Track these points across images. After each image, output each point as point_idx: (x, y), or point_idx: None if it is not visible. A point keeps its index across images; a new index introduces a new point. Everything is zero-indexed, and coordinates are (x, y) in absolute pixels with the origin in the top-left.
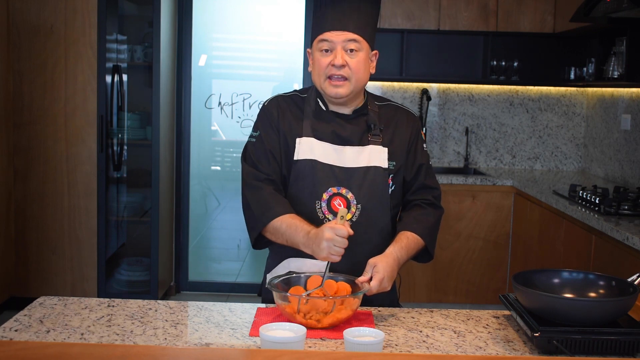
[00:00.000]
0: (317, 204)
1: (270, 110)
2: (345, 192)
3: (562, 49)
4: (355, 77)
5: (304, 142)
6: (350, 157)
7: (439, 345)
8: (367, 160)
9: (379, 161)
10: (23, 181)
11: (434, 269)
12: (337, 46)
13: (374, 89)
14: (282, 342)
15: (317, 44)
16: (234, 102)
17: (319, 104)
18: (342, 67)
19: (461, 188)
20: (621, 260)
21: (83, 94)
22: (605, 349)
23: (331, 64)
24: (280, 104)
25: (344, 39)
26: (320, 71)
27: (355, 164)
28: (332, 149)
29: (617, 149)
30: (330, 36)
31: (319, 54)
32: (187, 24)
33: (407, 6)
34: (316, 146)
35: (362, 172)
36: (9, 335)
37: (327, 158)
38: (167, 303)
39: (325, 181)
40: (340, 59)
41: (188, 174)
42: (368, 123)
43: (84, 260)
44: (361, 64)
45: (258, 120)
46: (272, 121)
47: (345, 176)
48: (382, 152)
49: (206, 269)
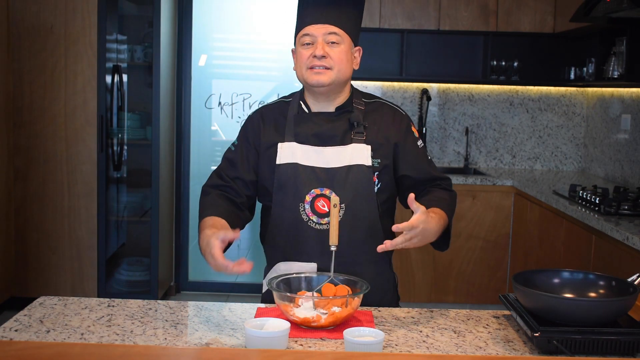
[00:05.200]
0: (300, 206)
1: (252, 120)
2: (329, 193)
3: (562, 49)
4: (337, 67)
5: (285, 147)
6: (331, 157)
7: (439, 345)
8: (349, 159)
9: (361, 159)
10: (23, 181)
11: (434, 269)
12: (318, 38)
13: (374, 89)
14: (265, 337)
15: (300, 39)
16: (234, 102)
17: (301, 106)
18: (322, 57)
19: (461, 188)
20: (621, 260)
21: (83, 94)
22: (605, 349)
23: (312, 55)
24: (264, 114)
25: (325, 31)
26: (301, 63)
27: (337, 163)
28: (313, 151)
29: (617, 149)
30: (311, 30)
31: (301, 47)
32: (187, 24)
33: (407, 6)
34: (297, 149)
35: (344, 172)
36: (9, 335)
37: (308, 160)
38: (167, 303)
39: (308, 183)
40: (321, 49)
41: (188, 174)
42: (351, 121)
43: (84, 260)
44: (343, 54)
45: (240, 130)
46: (250, 133)
47: (327, 177)
48: (365, 150)
49: (206, 269)
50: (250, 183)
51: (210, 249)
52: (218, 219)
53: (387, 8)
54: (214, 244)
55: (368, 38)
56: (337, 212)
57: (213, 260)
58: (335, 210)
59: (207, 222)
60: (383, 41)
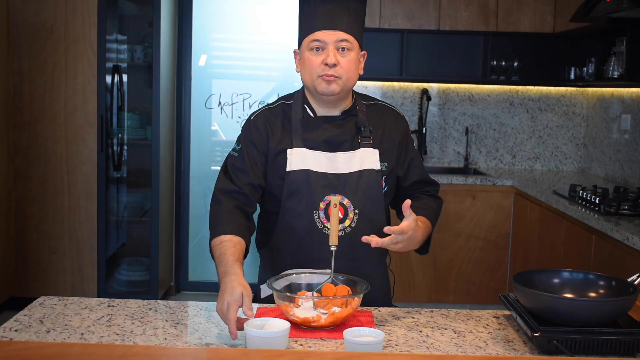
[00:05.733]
0: (314, 214)
1: (256, 124)
2: (342, 199)
3: (562, 49)
4: (346, 77)
5: (295, 153)
6: (343, 163)
7: (439, 345)
8: (359, 164)
9: (371, 163)
10: (23, 181)
11: (434, 269)
12: (329, 45)
13: (375, 89)
14: (266, 337)
15: (308, 43)
16: (234, 102)
17: (306, 110)
18: (334, 66)
19: (461, 188)
20: (621, 260)
21: (83, 94)
22: (605, 349)
23: (323, 63)
24: (268, 118)
25: (336, 38)
26: (311, 70)
27: (349, 169)
28: (324, 157)
29: (617, 149)
30: (321, 35)
31: (310, 52)
32: (187, 24)
33: (407, 6)
34: (308, 156)
35: (356, 177)
36: (9, 335)
37: (320, 166)
38: (167, 303)
39: (321, 190)
40: (333, 57)
41: (188, 174)
42: (357, 125)
43: (84, 260)
44: (352, 63)
45: (242, 134)
46: (256, 137)
47: (339, 182)
48: (373, 154)
49: (206, 269)
50: (260, 189)
51: (229, 314)
52: (238, 240)
53: (387, 8)
54: (232, 309)
55: (368, 38)
56: (337, 212)
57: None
58: (335, 211)
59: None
60: (383, 41)
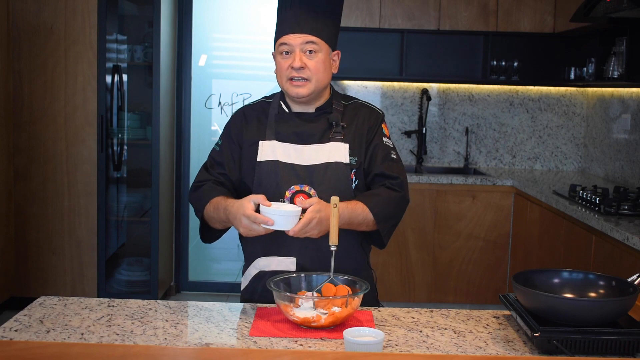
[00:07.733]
0: (280, 202)
1: (235, 121)
2: (308, 189)
3: (562, 49)
4: (315, 78)
5: (266, 145)
6: (310, 155)
7: (439, 345)
8: (327, 156)
9: (339, 157)
10: (23, 181)
11: (434, 268)
12: (296, 49)
13: (374, 89)
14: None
15: (278, 47)
16: (234, 102)
17: (282, 106)
18: (301, 68)
19: (461, 188)
20: (621, 260)
21: (83, 94)
22: (605, 349)
23: (290, 67)
24: (246, 113)
25: (302, 41)
26: (281, 73)
27: (316, 161)
28: (292, 149)
29: (617, 149)
30: (288, 39)
31: (280, 56)
32: (187, 24)
33: (407, 6)
34: (277, 147)
35: (323, 168)
36: (9, 335)
37: (288, 157)
38: (167, 303)
39: (287, 179)
40: (299, 61)
41: (188, 174)
42: (330, 121)
43: (84, 260)
44: (320, 64)
45: (224, 130)
46: (234, 131)
47: (306, 173)
48: (342, 148)
49: (206, 269)
50: (236, 181)
51: (244, 211)
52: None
53: (387, 8)
54: (246, 206)
55: (368, 38)
56: (338, 212)
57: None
58: (335, 211)
59: (219, 199)
60: (383, 41)
